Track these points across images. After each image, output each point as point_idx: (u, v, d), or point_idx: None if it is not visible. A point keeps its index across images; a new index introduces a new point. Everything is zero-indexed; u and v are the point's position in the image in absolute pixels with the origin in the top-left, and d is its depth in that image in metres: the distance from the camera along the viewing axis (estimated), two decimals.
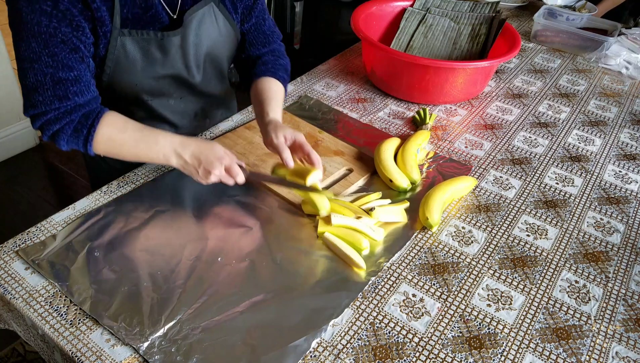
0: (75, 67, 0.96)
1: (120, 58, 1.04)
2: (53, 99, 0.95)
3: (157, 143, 1.00)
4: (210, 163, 0.99)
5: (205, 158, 0.99)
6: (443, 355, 0.86)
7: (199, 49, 1.13)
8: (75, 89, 0.97)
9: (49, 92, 0.95)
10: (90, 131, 0.97)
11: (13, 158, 2.67)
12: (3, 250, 0.96)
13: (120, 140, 1.00)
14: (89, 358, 0.81)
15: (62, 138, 0.98)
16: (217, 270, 0.95)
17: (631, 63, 1.81)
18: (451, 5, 1.71)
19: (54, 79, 0.95)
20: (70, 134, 0.98)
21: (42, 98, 0.95)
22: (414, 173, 1.18)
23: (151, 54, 1.07)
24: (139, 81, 1.09)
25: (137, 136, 1.00)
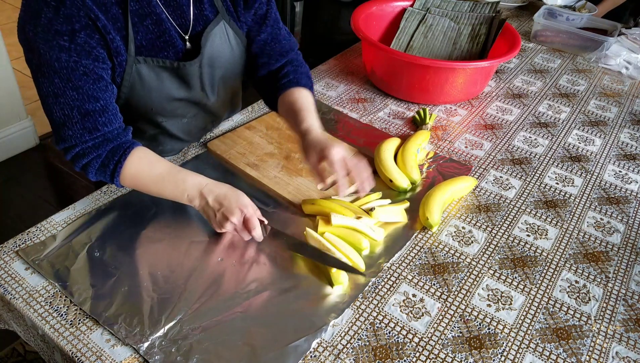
0: (101, 97, 0.96)
1: (136, 84, 1.03)
2: (83, 132, 0.95)
3: (185, 183, 0.99)
4: (231, 209, 0.96)
5: (228, 203, 0.96)
6: (443, 355, 0.86)
7: (213, 70, 1.13)
8: (103, 119, 0.96)
9: (77, 126, 0.95)
10: (117, 166, 0.97)
11: (13, 158, 2.67)
12: (3, 250, 0.96)
13: (146, 177, 1.00)
14: (89, 358, 0.81)
15: (90, 171, 0.98)
16: (217, 270, 0.95)
17: (631, 63, 1.81)
18: (451, 5, 1.71)
19: (81, 112, 0.94)
20: (98, 168, 0.98)
21: (71, 132, 0.95)
22: (414, 173, 1.18)
23: (166, 80, 1.06)
24: (154, 106, 1.09)
25: (165, 174, 1.00)
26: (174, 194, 1.00)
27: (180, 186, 0.99)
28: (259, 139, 1.28)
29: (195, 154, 1.23)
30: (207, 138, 1.29)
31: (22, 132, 2.68)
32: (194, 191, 0.98)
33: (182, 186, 0.99)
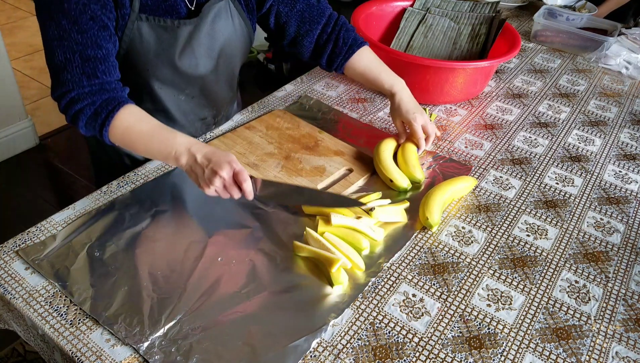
0: (104, 46, 0.97)
1: (135, 42, 1.05)
2: (81, 76, 0.96)
3: (174, 139, 0.98)
4: (220, 163, 0.94)
5: (217, 158, 0.95)
6: (443, 355, 0.86)
7: (212, 42, 1.14)
8: (103, 67, 0.97)
9: (77, 70, 0.95)
10: (108, 116, 0.96)
11: (13, 158, 2.67)
12: (3, 250, 0.96)
13: (136, 131, 0.99)
14: (89, 358, 0.81)
15: (81, 120, 0.97)
16: (217, 270, 0.95)
17: (631, 63, 1.81)
18: (451, 5, 1.71)
19: (83, 57, 0.95)
20: (90, 116, 0.97)
21: (70, 76, 0.95)
22: (417, 172, 1.18)
23: (165, 40, 1.08)
24: (151, 66, 1.10)
25: (155, 129, 0.99)
26: (161, 151, 0.98)
27: (168, 143, 0.97)
28: (258, 139, 1.28)
29: None
30: (207, 138, 1.29)
31: (22, 132, 2.68)
32: (182, 148, 0.97)
33: (170, 143, 0.97)
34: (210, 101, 1.27)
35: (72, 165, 2.66)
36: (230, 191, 0.97)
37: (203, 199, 1.10)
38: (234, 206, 1.09)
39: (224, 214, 1.07)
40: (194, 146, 0.97)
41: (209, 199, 1.10)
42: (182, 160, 0.97)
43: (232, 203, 1.10)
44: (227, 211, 1.08)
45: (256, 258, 0.98)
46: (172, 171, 1.17)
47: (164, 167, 1.18)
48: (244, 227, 1.05)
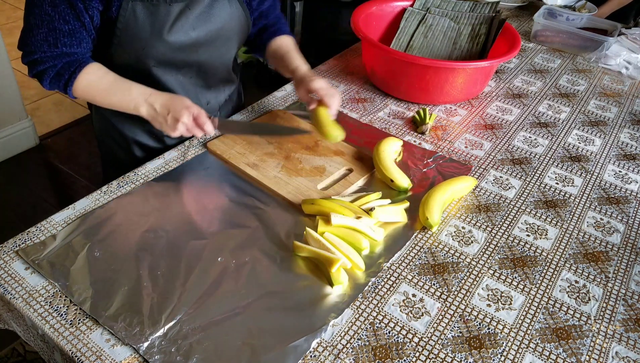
0: (70, 22, 1.05)
1: (130, 23, 1.09)
2: (43, 43, 1.05)
3: (131, 92, 1.10)
4: (179, 111, 1.06)
5: (174, 106, 1.07)
6: (443, 355, 0.86)
7: (208, 24, 1.17)
8: (66, 40, 1.06)
9: (41, 36, 1.05)
10: (71, 76, 1.07)
11: (13, 158, 2.67)
12: (3, 250, 0.96)
13: (97, 87, 1.10)
14: (89, 358, 0.81)
15: (45, 79, 1.09)
16: (217, 270, 0.95)
17: (631, 63, 1.81)
18: (451, 5, 1.71)
19: (49, 27, 1.04)
20: (53, 77, 1.08)
21: (34, 39, 1.05)
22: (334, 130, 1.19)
23: (158, 18, 1.10)
24: (146, 45, 1.12)
25: (114, 85, 1.10)
26: (121, 104, 1.11)
27: (126, 96, 1.10)
28: (258, 139, 1.28)
29: (195, 154, 1.23)
30: (207, 138, 1.29)
31: (22, 132, 2.68)
32: (140, 99, 1.09)
33: (129, 96, 1.10)
34: (209, 82, 1.29)
35: (72, 165, 2.66)
36: (194, 132, 1.10)
37: (203, 200, 1.11)
38: (234, 206, 1.10)
39: (224, 214, 1.08)
40: (150, 97, 1.09)
41: (209, 200, 1.11)
42: (142, 110, 1.10)
43: (232, 203, 1.10)
44: (227, 211, 1.08)
45: (256, 258, 0.98)
46: (172, 171, 1.17)
47: (164, 167, 1.18)
48: (244, 227, 1.05)
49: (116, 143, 1.32)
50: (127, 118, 1.24)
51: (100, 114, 1.31)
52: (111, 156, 1.37)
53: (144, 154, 1.32)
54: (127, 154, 1.32)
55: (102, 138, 1.36)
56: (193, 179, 1.16)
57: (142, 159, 1.28)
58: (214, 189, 1.14)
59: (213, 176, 1.18)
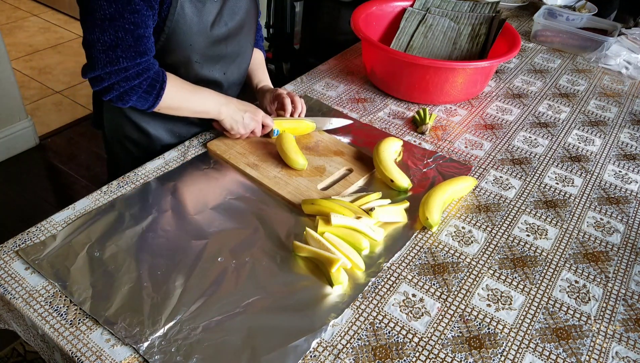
0: (149, 25, 1.04)
1: (179, 20, 1.10)
2: (135, 55, 1.02)
3: (211, 96, 1.19)
4: (254, 111, 1.23)
5: (249, 108, 1.23)
6: (443, 355, 0.86)
7: (236, 15, 1.21)
8: (149, 45, 1.06)
9: (131, 49, 1.01)
10: (162, 86, 1.08)
11: (13, 158, 2.67)
12: (3, 250, 0.96)
13: (181, 95, 1.14)
14: (89, 358, 0.81)
15: (135, 93, 1.06)
16: (217, 270, 0.95)
17: (631, 63, 1.81)
18: (451, 5, 1.71)
19: (135, 36, 1.01)
20: (145, 90, 1.07)
21: (124, 54, 1.01)
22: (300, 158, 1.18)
23: (205, 15, 1.13)
24: (193, 42, 1.14)
25: (193, 92, 1.16)
26: (203, 108, 1.18)
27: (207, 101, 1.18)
28: (258, 139, 1.28)
29: (195, 154, 1.23)
30: (207, 138, 1.29)
31: (22, 132, 2.68)
32: (221, 101, 1.19)
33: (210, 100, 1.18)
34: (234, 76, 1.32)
35: (72, 165, 2.66)
36: (258, 131, 1.25)
37: (203, 199, 1.11)
38: (234, 206, 1.10)
39: (224, 214, 1.08)
40: (226, 100, 1.21)
41: (209, 199, 1.11)
42: (223, 110, 1.19)
43: (232, 203, 1.10)
44: (228, 211, 1.08)
45: (256, 258, 0.98)
46: (172, 171, 1.17)
47: (164, 167, 1.19)
48: (244, 227, 1.05)
49: (136, 144, 1.29)
50: (154, 119, 1.24)
51: (120, 116, 1.26)
52: (125, 157, 1.33)
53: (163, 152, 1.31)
54: (148, 155, 1.28)
55: (118, 139, 1.31)
56: (193, 179, 1.16)
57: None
58: (214, 189, 1.14)
59: (213, 176, 1.18)
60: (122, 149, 1.33)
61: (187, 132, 1.31)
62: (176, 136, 1.30)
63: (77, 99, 3.15)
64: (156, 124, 1.27)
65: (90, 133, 2.88)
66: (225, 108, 1.19)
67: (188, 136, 1.31)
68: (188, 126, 1.30)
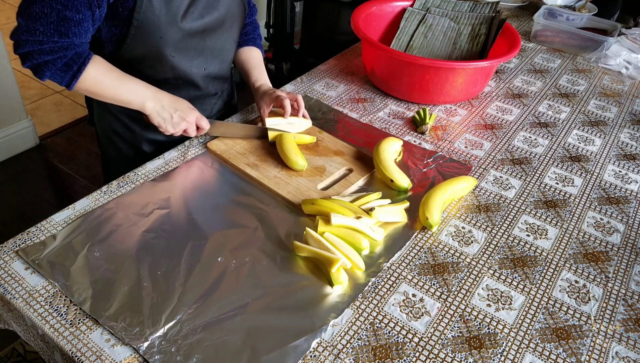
0: (81, 11, 1.03)
1: (147, 11, 1.10)
2: (54, 33, 1.02)
3: (138, 86, 1.14)
4: (186, 110, 1.18)
5: (181, 106, 1.18)
6: (443, 355, 0.86)
7: (215, 11, 1.20)
8: (75, 30, 1.04)
9: (51, 26, 1.02)
10: (80, 68, 1.06)
11: (13, 158, 2.67)
12: (3, 250, 0.96)
13: (103, 80, 1.11)
14: (89, 358, 0.81)
15: (48, 69, 1.05)
16: (217, 270, 0.95)
17: (631, 63, 1.81)
18: (451, 5, 1.71)
19: (60, 16, 1.01)
20: (59, 68, 1.05)
21: (43, 28, 1.01)
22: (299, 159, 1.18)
23: (174, 6, 1.12)
24: (163, 33, 1.14)
25: (120, 79, 1.12)
26: (126, 97, 1.13)
27: (133, 91, 1.13)
28: (258, 139, 1.28)
29: (195, 154, 1.23)
30: (207, 138, 1.29)
31: (22, 132, 2.68)
32: (147, 95, 1.14)
33: (135, 90, 1.14)
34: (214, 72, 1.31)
35: (72, 165, 2.66)
36: (191, 131, 1.20)
37: (203, 199, 1.11)
38: (234, 206, 1.10)
39: (224, 214, 1.08)
40: (157, 93, 1.16)
41: (209, 199, 1.11)
42: (148, 105, 1.14)
43: (232, 203, 1.10)
44: (228, 211, 1.08)
45: (256, 258, 0.98)
46: (172, 171, 1.17)
47: (164, 167, 1.18)
48: (244, 227, 1.05)
49: (123, 139, 1.32)
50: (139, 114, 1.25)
51: (107, 111, 1.30)
52: (116, 154, 1.37)
53: (152, 149, 1.33)
54: (135, 150, 1.33)
55: (108, 136, 1.35)
56: (193, 179, 1.16)
57: (150, 154, 1.31)
58: (214, 189, 1.14)
59: (213, 176, 1.18)
60: (111, 144, 1.36)
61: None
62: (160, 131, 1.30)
63: (77, 99, 3.15)
64: (140, 119, 1.28)
65: (90, 133, 2.88)
66: (152, 103, 1.14)
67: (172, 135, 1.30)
68: None
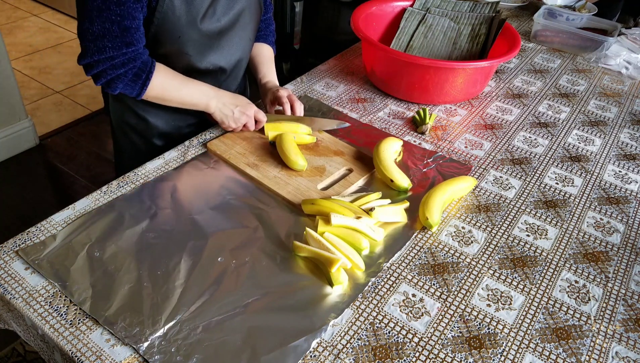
0: (137, 17, 1.07)
1: (168, 12, 1.11)
2: (122, 45, 1.07)
3: (200, 88, 1.21)
4: (245, 105, 1.24)
5: (241, 102, 1.24)
6: (443, 355, 0.86)
7: (231, 10, 1.21)
8: (137, 36, 1.09)
9: (117, 40, 1.06)
10: (148, 76, 1.12)
11: (13, 158, 2.67)
12: (3, 250, 0.96)
13: (169, 87, 1.17)
14: (89, 358, 0.81)
15: (121, 82, 1.11)
16: (217, 270, 0.95)
17: (631, 63, 1.81)
18: (451, 5, 1.71)
19: (121, 27, 1.06)
20: (130, 79, 1.11)
21: (111, 44, 1.06)
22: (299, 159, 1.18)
23: (194, 8, 1.14)
24: (182, 34, 1.15)
25: (183, 83, 1.19)
26: (192, 99, 1.21)
27: (197, 92, 1.20)
28: (258, 140, 1.28)
29: (195, 154, 1.23)
30: (207, 138, 1.29)
31: (22, 132, 2.68)
32: (210, 94, 1.21)
33: (199, 92, 1.21)
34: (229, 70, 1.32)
35: (72, 165, 2.66)
36: (251, 125, 1.27)
37: (203, 199, 1.11)
38: (234, 206, 1.10)
39: (224, 214, 1.08)
40: (218, 93, 1.23)
41: (209, 199, 1.11)
42: (212, 103, 1.22)
43: (232, 203, 1.10)
44: (228, 211, 1.08)
45: (256, 258, 0.98)
46: (172, 171, 1.17)
47: (163, 167, 1.19)
48: (244, 227, 1.05)
49: (136, 131, 1.34)
50: (152, 107, 1.28)
51: (120, 102, 1.32)
52: (128, 146, 1.39)
53: (163, 143, 1.35)
54: (146, 143, 1.35)
55: (120, 127, 1.37)
56: (193, 179, 1.16)
57: (160, 148, 1.33)
58: (214, 189, 1.14)
59: (213, 176, 1.18)
60: (123, 134, 1.38)
61: (183, 123, 1.34)
62: (172, 125, 1.33)
63: (77, 99, 3.15)
64: (153, 112, 1.30)
65: (90, 133, 2.88)
66: (215, 101, 1.21)
67: (184, 125, 1.34)
68: (184, 116, 1.32)
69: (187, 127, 1.36)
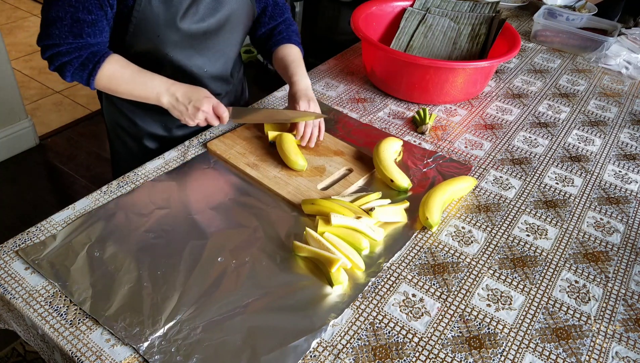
0: (94, 12, 1.07)
1: (146, 10, 1.11)
2: (68, 35, 1.07)
3: (153, 82, 1.15)
4: (200, 100, 1.14)
5: (195, 96, 1.14)
6: (443, 355, 0.86)
7: (217, 13, 1.20)
8: (89, 30, 1.08)
9: (65, 28, 1.07)
10: (95, 66, 1.10)
11: (13, 158, 2.67)
12: (3, 250, 0.96)
13: (120, 77, 1.13)
14: (89, 358, 0.81)
15: (68, 70, 1.10)
16: (217, 270, 0.95)
17: (631, 63, 1.81)
18: (451, 5, 1.71)
19: (73, 18, 1.06)
20: (77, 67, 1.10)
21: (58, 32, 1.07)
22: (299, 159, 1.18)
23: (172, 8, 1.13)
24: (160, 33, 1.15)
25: (136, 75, 1.14)
26: (143, 93, 1.15)
27: (148, 85, 1.15)
28: (258, 140, 1.28)
29: (195, 154, 1.23)
30: (207, 138, 1.29)
31: (22, 132, 2.68)
32: (161, 88, 1.15)
33: (150, 85, 1.15)
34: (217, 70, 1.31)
35: (72, 165, 2.66)
36: (211, 121, 1.17)
37: (203, 199, 1.11)
38: (234, 206, 1.10)
39: (223, 214, 1.08)
40: (172, 87, 1.15)
41: (209, 199, 1.11)
42: (164, 98, 1.15)
43: (232, 203, 1.10)
44: (227, 211, 1.08)
45: (256, 258, 0.98)
46: (172, 171, 1.17)
47: (163, 167, 1.19)
48: (244, 227, 1.05)
49: (128, 133, 1.35)
50: (140, 108, 1.28)
51: (113, 105, 1.33)
52: (122, 149, 1.39)
53: (155, 145, 1.35)
54: (138, 145, 1.35)
55: (114, 129, 1.38)
56: (193, 179, 1.16)
57: (152, 150, 1.33)
58: (214, 189, 1.14)
59: (213, 176, 1.18)
60: (117, 137, 1.38)
61: (172, 124, 1.34)
62: (161, 127, 1.34)
63: (77, 99, 3.15)
64: (140, 114, 1.31)
65: (90, 133, 2.88)
66: (167, 96, 1.15)
67: (173, 126, 1.35)
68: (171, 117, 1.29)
69: (177, 128, 1.35)
